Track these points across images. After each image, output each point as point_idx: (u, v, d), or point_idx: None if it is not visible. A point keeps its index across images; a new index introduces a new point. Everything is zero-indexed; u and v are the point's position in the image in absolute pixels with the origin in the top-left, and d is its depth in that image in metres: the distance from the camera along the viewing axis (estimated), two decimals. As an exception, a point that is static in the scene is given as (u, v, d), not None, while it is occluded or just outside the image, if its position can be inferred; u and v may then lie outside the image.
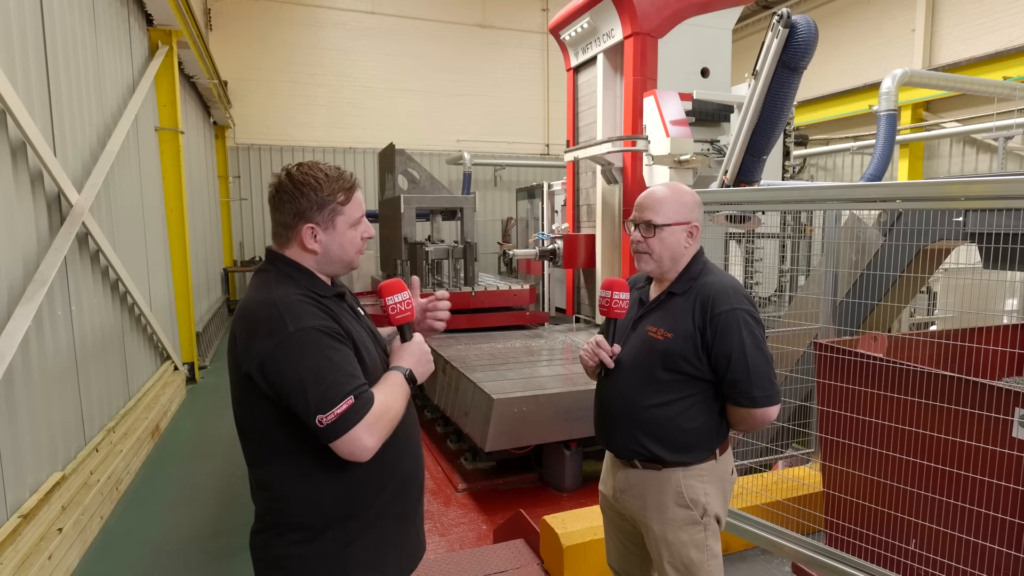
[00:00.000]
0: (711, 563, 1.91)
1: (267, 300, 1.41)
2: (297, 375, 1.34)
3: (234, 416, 1.53)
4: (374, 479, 1.50)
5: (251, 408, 1.44)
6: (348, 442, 1.35)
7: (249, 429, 1.49)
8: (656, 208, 1.92)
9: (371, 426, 1.37)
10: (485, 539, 3.68)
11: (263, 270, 1.53)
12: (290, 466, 1.45)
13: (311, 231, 1.47)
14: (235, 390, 1.47)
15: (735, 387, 1.84)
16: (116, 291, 5.11)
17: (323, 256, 1.51)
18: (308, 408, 1.33)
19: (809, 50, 4.03)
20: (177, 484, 4.64)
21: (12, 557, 2.86)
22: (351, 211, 1.51)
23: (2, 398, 3.07)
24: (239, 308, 1.48)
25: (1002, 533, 2.09)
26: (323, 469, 1.44)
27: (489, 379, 4.36)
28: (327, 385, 1.34)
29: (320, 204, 1.46)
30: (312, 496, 1.45)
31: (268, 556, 1.49)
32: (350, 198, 1.51)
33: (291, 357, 1.35)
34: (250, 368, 1.38)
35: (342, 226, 1.50)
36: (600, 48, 6.13)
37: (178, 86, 7.25)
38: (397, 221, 6.88)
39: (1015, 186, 2.10)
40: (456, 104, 14.69)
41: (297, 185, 1.46)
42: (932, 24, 10.94)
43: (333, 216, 1.49)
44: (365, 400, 1.38)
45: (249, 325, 1.41)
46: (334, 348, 1.40)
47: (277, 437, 1.44)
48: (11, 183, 3.38)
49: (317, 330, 1.38)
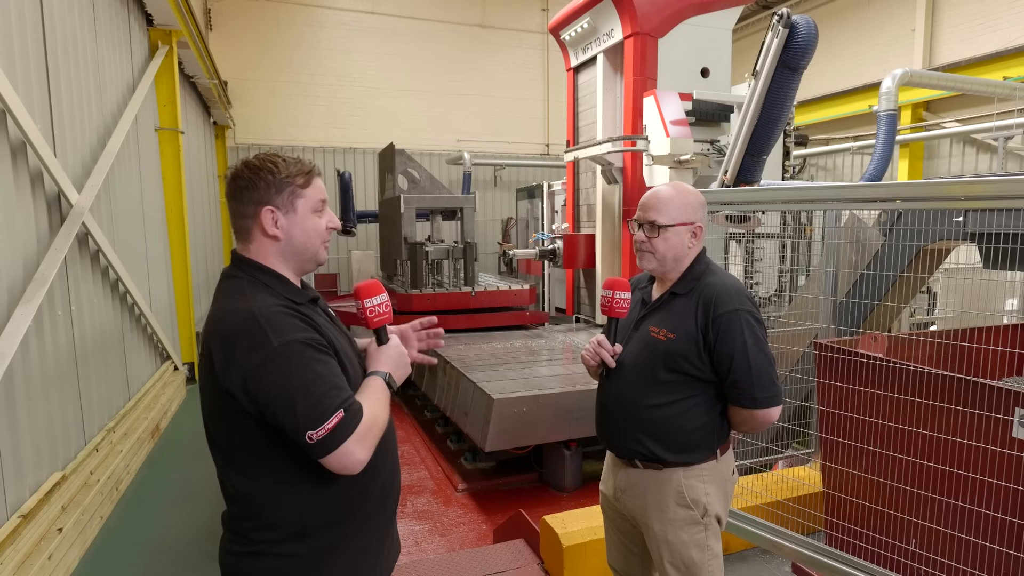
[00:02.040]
0: (712, 563, 1.91)
1: (244, 311, 1.34)
2: (284, 391, 1.29)
3: (206, 432, 1.46)
4: (356, 487, 1.46)
5: (230, 425, 1.38)
6: (340, 456, 1.31)
7: (227, 445, 1.42)
8: (660, 208, 1.92)
9: (362, 438, 1.34)
10: (485, 539, 3.68)
11: (232, 276, 1.45)
12: (272, 479, 1.40)
13: (271, 215, 1.42)
14: (210, 406, 1.41)
15: (737, 388, 1.84)
16: (116, 291, 5.11)
17: (286, 244, 1.44)
18: (297, 425, 1.29)
19: (809, 50, 4.04)
20: (177, 484, 4.64)
21: (12, 557, 2.85)
22: (312, 194, 1.46)
23: (2, 398, 3.07)
24: (212, 318, 1.40)
25: (1002, 533, 2.09)
26: (307, 481, 1.40)
27: (489, 379, 4.36)
28: (315, 400, 1.30)
29: (278, 186, 1.42)
30: (295, 508, 1.41)
31: (244, 571, 1.44)
32: (310, 181, 1.46)
33: (276, 373, 1.29)
34: (231, 385, 1.31)
35: (303, 210, 1.45)
36: (600, 48, 6.13)
37: (178, 86, 7.25)
38: (397, 221, 6.88)
39: (1015, 186, 2.11)
40: (456, 104, 14.68)
41: (254, 171, 1.42)
42: (932, 24, 10.94)
43: (293, 199, 1.43)
44: (354, 412, 1.34)
45: (227, 338, 1.33)
46: (319, 360, 1.35)
47: (258, 452, 1.38)
48: (11, 183, 3.38)
49: (301, 343, 1.33)
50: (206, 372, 1.39)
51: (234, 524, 1.46)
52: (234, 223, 1.48)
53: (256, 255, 1.45)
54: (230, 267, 1.48)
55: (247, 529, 1.43)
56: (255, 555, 1.42)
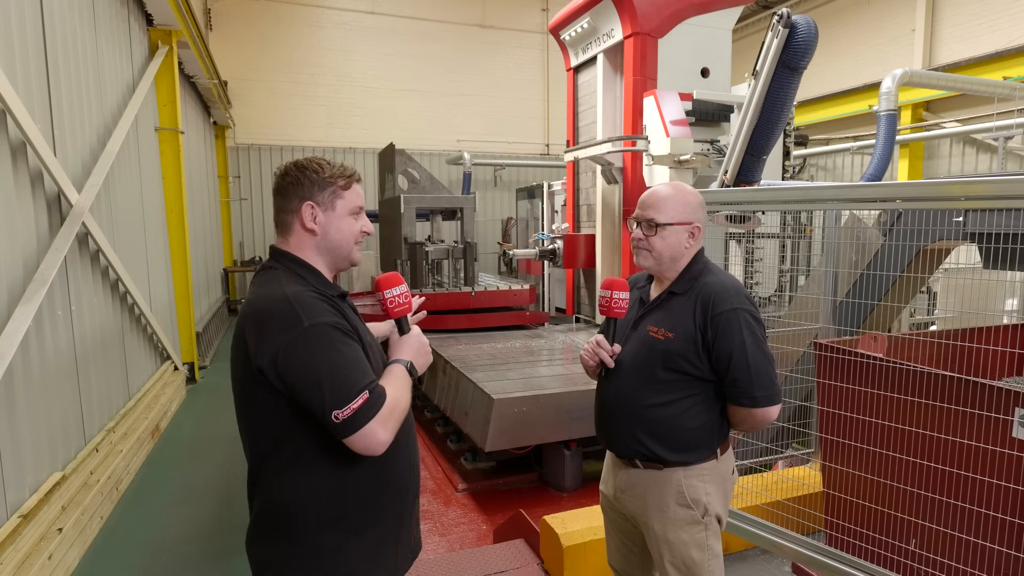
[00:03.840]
0: (712, 563, 1.91)
1: (279, 296, 1.42)
2: (311, 370, 1.35)
3: (237, 415, 1.52)
4: (376, 475, 1.51)
5: (257, 405, 1.44)
6: (364, 437, 1.36)
7: (253, 427, 1.49)
8: (659, 207, 1.92)
9: (385, 420, 1.39)
10: (485, 539, 3.67)
11: (269, 267, 1.54)
12: (295, 464, 1.45)
13: (311, 209, 1.51)
14: (240, 386, 1.47)
15: (736, 387, 1.84)
16: (116, 291, 5.11)
17: (322, 239, 1.53)
18: (323, 403, 1.34)
19: (809, 50, 4.03)
20: (177, 484, 4.64)
21: (12, 557, 2.85)
22: (351, 197, 1.55)
23: (2, 398, 3.07)
24: (248, 304, 1.48)
25: (1002, 533, 2.09)
26: (328, 466, 1.45)
27: (489, 379, 4.36)
28: (341, 380, 1.35)
29: (321, 184, 1.52)
30: (316, 494, 1.45)
31: (268, 557, 1.49)
32: (350, 185, 1.56)
33: (306, 351, 1.36)
34: (262, 363, 1.37)
35: (341, 210, 1.54)
36: (600, 48, 6.13)
37: (178, 86, 7.25)
38: (397, 221, 6.88)
39: (1015, 186, 2.10)
40: (456, 104, 14.69)
41: (301, 169, 1.52)
42: (932, 24, 10.94)
43: (334, 198, 1.53)
44: (378, 395, 1.40)
45: (261, 320, 1.41)
46: (346, 344, 1.41)
47: (283, 435, 1.44)
48: (11, 183, 3.38)
49: (330, 326, 1.40)
50: (238, 355, 1.45)
51: (256, 511, 1.51)
52: (277, 217, 1.57)
53: (294, 248, 1.54)
54: (268, 260, 1.57)
55: (267, 516, 1.48)
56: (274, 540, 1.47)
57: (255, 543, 1.51)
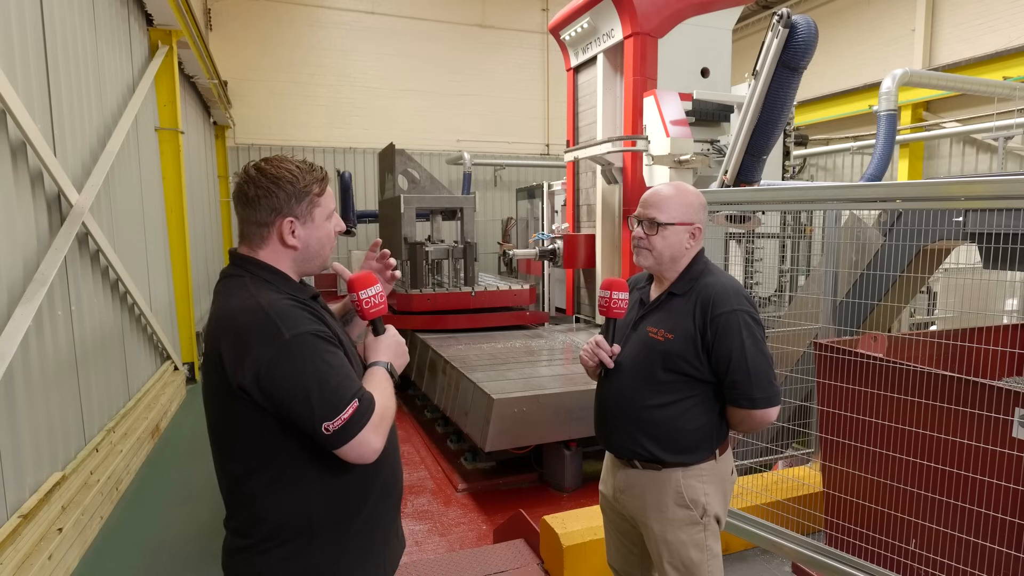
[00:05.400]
0: (711, 563, 1.91)
1: (252, 306, 1.33)
2: (298, 383, 1.29)
3: (210, 431, 1.45)
4: (361, 481, 1.47)
5: (239, 423, 1.37)
6: (357, 446, 1.32)
7: (233, 445, 1.41)
8: (660, 206, 1.92)
9: (377, 426, 1.35)
10: (485, 539, 3.68)
11: (232, 274, 1.44)
12: (281, 478, 1.39)
13: (290, 225, 1.41)
14: (218, 404, 1.40)
15: (735, 388, 1.84)
16: (116, 291, 5.11)
17: (302, 252, 1.45)
18: (312, 416, 1.29)
19: (809, 50, 4.04)
20: (177, 484, 4.64)
21: (12, 557, 2.85)
22: (326, 202, 1.47)
23: (2, 398, 3.07)
24: (218, 319, 1.37)
25: (1002, 533, 2.09)
26: (314, 476, 1.40)
27: (489, 379, 4.36)
28: (331, 391, 1.30)
29: (299, 196, 1.41)
30: (302, 505, 1.40)
31: (248, 572, 1.43)
32: (324, 189, 1.47)
33: (290, 364, 1.29)
34: (244, 380, 1.30)
35: (320, 218, 1.46)
36: (600, 48, 6.13)
37: (178, 86, 7.25)
38: (397, 221, 6.88)
39: (1015, 186, 2.11)
40: (456, 104, 14.67)
41: (272, 179, 1.39)
42: (932, 24, 10.93)
43: (311, 208, 1.43)
44: (368, 402, 1.35)
45: (238, 334, 1.32)
46: (330, 352, 1.35)
47: (268, 451, 1.38)
48: (11, 183, 3.38)
49: (312, 335, 1.34)
50: (212, 372, 1.37)
51: (238, 525, 1.46)
52: (244, 228, 1.44)
53: (265, 259, 1.44)
54: (230, 266, 1.46)
55: (252, 529, 1.42)
56: (261, 554, 1.41)
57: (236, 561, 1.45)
